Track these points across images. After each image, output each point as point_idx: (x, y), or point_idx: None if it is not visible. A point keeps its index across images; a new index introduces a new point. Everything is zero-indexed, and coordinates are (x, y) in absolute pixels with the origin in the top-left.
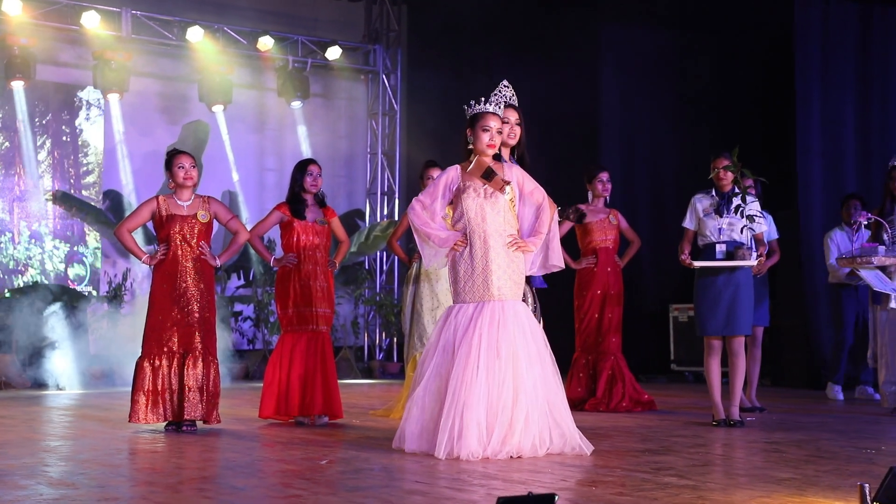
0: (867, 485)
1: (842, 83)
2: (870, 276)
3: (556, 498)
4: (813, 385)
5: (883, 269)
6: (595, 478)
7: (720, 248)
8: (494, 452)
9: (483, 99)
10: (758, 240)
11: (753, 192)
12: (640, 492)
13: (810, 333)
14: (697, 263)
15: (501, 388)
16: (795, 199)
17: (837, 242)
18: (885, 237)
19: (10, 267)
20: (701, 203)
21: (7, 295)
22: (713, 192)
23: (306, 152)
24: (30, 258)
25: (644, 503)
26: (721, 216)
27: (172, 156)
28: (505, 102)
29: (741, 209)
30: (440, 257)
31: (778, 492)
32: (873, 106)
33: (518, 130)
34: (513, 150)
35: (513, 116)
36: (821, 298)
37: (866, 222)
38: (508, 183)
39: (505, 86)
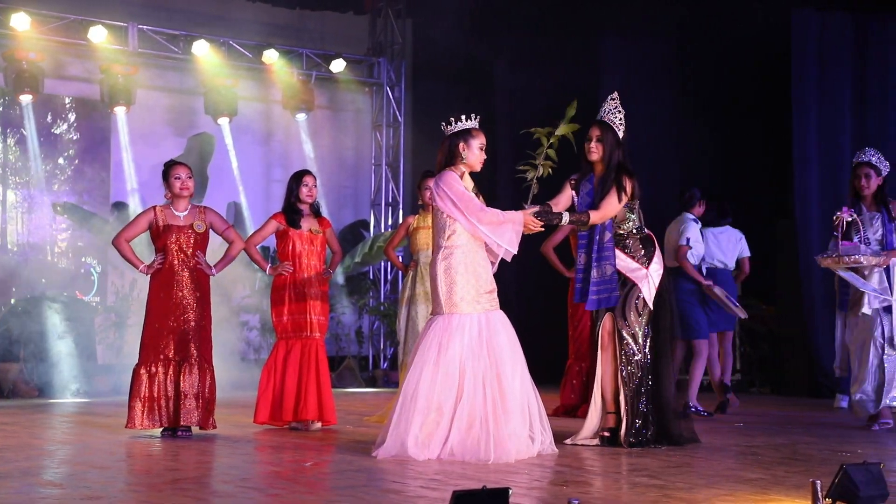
0: (819, 481)
1: (839, 93)
2: (850, 276)
3: (511, 492)
4: (814, 394)
5: (855, 269)
6: (569, 478)
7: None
8: (474, 456)
9: (473, 115)
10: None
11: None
12: (609, 491)
13: (809, 342)
14: None
15: (481, 393)
16: (793, 209)
17: None
18: (856, 237)
19: (18, 277)
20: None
21: (13, 304)
22: None
23: (312, 164)
24: (36, 268)
25: (606, 500)
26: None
27: (169, 167)
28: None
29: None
30: (519, 236)
31: (741, 490)
32: (870, 115)
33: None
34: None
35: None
36: (819, 308)
37: (850, 219)
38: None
39: (612, 98)
